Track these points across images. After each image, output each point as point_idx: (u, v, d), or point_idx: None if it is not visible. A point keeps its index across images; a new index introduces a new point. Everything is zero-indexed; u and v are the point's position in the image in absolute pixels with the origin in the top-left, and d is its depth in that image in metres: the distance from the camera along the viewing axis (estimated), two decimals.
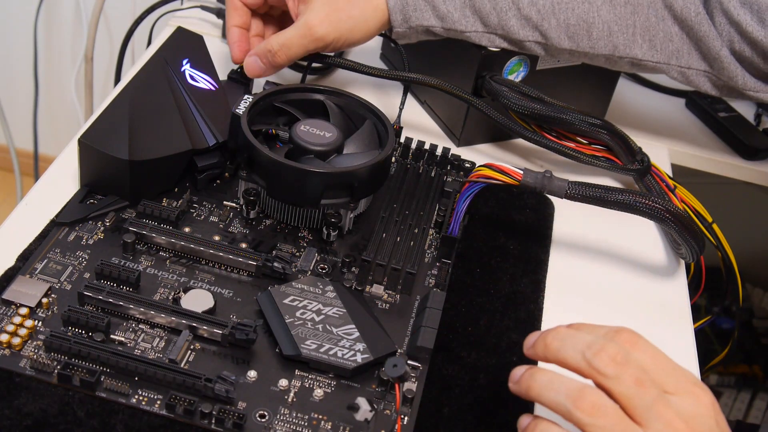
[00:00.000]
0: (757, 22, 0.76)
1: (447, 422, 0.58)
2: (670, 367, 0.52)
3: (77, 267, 0.63)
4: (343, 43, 0.78)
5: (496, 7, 0.78)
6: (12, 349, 0.57)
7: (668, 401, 0.50)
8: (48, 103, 1.85)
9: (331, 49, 0.79)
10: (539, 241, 0.76)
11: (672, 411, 0.49)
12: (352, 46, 0.80)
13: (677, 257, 0.78)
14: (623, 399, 0.50)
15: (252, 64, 0.79)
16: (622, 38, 0.79)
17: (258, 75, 0.80)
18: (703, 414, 0.50)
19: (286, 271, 0.65)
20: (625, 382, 0.49)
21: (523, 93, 0.80)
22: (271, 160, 0.66)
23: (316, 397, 0.58)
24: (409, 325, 0.64)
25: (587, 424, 0.49)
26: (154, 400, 0.55)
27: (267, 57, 0.78)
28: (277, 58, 0.78)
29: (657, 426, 0.49)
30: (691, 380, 0.52)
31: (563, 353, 0.52)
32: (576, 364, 0.52)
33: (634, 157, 0.81)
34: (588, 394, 0.50)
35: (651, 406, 0.49)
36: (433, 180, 0.78)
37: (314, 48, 0.78)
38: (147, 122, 0.68)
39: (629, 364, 0.50)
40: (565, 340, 0.52)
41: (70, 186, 0.71)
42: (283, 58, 0.78)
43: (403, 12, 0.78)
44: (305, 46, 0.78)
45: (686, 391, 0.51)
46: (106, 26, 1.68)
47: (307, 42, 0.77)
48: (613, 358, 0.50)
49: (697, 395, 0.50)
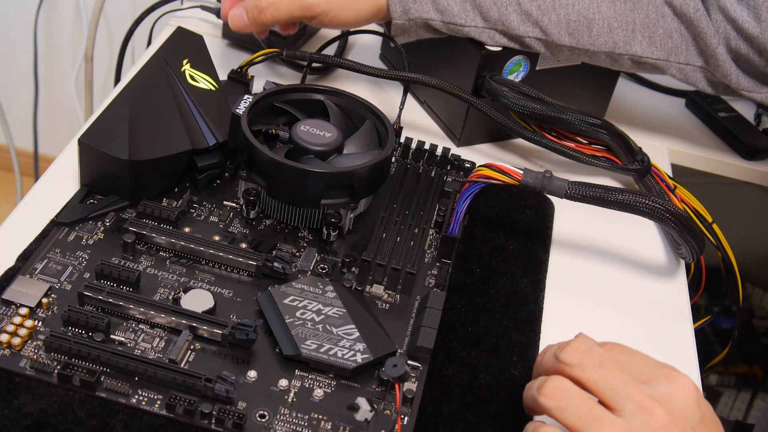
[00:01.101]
0: (753, 19, 0.76)
1: (447, 422, 0.58)
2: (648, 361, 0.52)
3: (77, 267, 0.63)
4: (331, 19, 0.78)
5: (496, 2, 0.78)
6: (12, 349, 0.57)
7: (641, 386, 0.50)
8: (48, 103, 1.85)
9: (317, 22, 0.78)
10: (539, 241, 0.76)
11: (645, 394, 0.49)
12: (341, 25, 0.79)
13: (677, 257, 0.78)
14: (590, 384, 0.50)
15: (237, 17, 0.79)
16: (622, 35, 0.79)
17: (240, 29, 0.79)
18: (679, 394, 0.50)
19: (286, 271, 0.65)
20: (588, 367, 0.50)
21: (523, 93, 0.80)
22: (271, 160, 0.66)
23: (316, 397, 0.58)
24: (409, 325, 0.64)
25: (552, 408, 0.50)
26: (154, 400, 0.55)
27: (253, 12, 0.78)
28: (263, 15, 0.77)
29: (629, 408, 0.49)
30: (668, 367, 0.52)
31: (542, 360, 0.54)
32: (547, 364, 0.53)
33: (634, 157, 0.81)
34: (551, 380, 0.51)
35: (620, 390, 0.49)
36: (433, 180, 0.78)
37: (301, 15, 0.77)
38: (147, 122, 0.68)
39: (592, 353, 0.51)
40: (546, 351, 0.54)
41: (70, 186, 0.71)
42: (269, 17, 0.77)
43: (403, 3, 0.78)
44: (293, 12, 0.77)
45: (662, 375, 0.51)
46: (106, 26, 1.68)
47: (296, 7, 0.77)
48: (576, 348, 0.52)
49: (674, 379, 0.50)
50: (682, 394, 0.50)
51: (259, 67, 0.92)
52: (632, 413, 0.48)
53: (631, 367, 0.51)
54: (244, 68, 0.83)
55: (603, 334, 0.69)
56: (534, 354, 0.65)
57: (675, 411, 0.49)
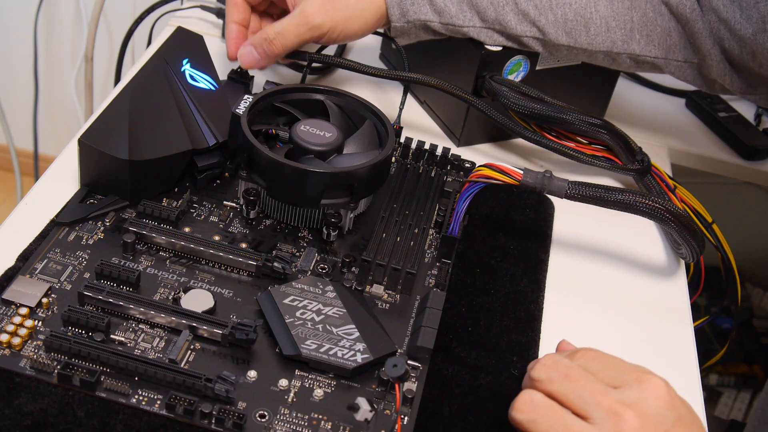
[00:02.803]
0: (745, 20, 0.76)
1: (447, 422, 0.58)
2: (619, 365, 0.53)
3: (77, 267, 0.63)
4: (339, 34, 0.77)
5: (493, 2, 0.78)
6: (12, 349, 0.57)
7: (610, 392, 0.51)
8: (48, 103, 1.85)
9: (327, 39, 0.78)
10: (539, 241, 0.76)
11: (614, 400, 0.50)
12: (349, 38, 0.79)
13: (677, 257, 0.78)
14: (559, 396, 0.51)
15: (247, 55, 0.78)
16: (620, 34, 0.79)
17: (253, 66, 0.79)
18: (649, 397, 0.50)
19: (286, 271, 0.65)
20: (555, 379, 0.52)
21: (523, 93, 0.80)
22: (271, 160, 0.66)
23: (316, 397, 0.58)
24: (409, 325, 0.64)
25: (524, 421, 0.51)
26: (154, 400, 0.55)
27: (263, 46, 0.77)
28: (273, 47, 0.77)
29: (599, 415, 0.49)
30: (641, 371, 0.52)
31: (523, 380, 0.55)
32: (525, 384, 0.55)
33: (634, 157, 0.81)
34: (522, 395, 0.52)
35: (589, 398, 0.50)
36: (433, 180, 0.78)
37: (310, 37, 0.77)
38: (147, 122, 0.68)
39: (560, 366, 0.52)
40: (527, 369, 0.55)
41: (70, 186, 0.71)
42: (279, 47, 0.77)
43: (401, 6, 0.78)
44: (301, 35, 0.76)
45: (633, 380, 0.51)
46: (106, 26, 1.68)
47: (303, 30, 0.76)
48: (544, 363, 0.53)
49: (645, 382, 0.51)
50: (652, 396, 0.50)
51: None
52: (602, 420, 0.49)
53: (603, 373, 0.52)
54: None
55: (603, 333, 0.69)
56: (534, 354, 0.65)
57: (646, 414, 0.49)
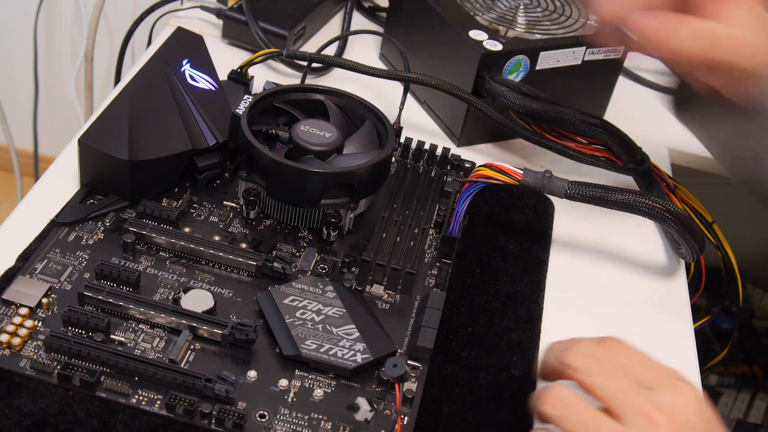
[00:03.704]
0: None
1: (447, 422, 0.58)
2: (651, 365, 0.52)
3: (77, 267, 0.63)
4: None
5: None
6: (12, 349, 0.57)
7: (644, 393, 0.49)
8: (48, 103, 1.85)
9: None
10: (539, 241, 0.76)
11: (648, 402, 0.49)
12: None
13: (677, 257, 0.78)
14: (594, 390, 0.49)
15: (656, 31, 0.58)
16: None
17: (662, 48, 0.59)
18: (682, 402, 0.49)
19: (286, 271, 0.65)
20: (594, 372, 0.50)
21: (523, 93, 0.80)
22: (271, 160, 0.66)
23: (316, 397, 0.57)
24: (409, 325, 0.64)
25: (555, 417, 0.49)
26: (154, 400, 0.55)
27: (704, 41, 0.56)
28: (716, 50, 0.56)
29: (632, 417, 0.48)
30: (674, 376, 0.51)
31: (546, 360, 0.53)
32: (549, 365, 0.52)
33: (634, 157, 0.81)
34: (552, 388, 0.50)
35: (624, 397, 0.49)
36: (433, 180, 0.78)
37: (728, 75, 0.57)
38: (147, 122, 0.68)
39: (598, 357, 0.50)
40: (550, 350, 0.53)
41: (70, 186, 0.70)
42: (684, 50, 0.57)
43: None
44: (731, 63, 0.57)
45: (667, 385, 0.50)
46: (106, 26, 1.68)
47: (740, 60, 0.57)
48: (582, 352, 0.51)
49: (678, 388, 0.50)
50: (685, 403, 0.49)
51: (259, 67, 0.92)
52: (635, 422, 0.48)
53: (634, 369, 0.51)
54: (244, 68, 0.83)
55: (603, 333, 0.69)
56: (534, 354, 0.65)
57: (678, 420, 0.48)
